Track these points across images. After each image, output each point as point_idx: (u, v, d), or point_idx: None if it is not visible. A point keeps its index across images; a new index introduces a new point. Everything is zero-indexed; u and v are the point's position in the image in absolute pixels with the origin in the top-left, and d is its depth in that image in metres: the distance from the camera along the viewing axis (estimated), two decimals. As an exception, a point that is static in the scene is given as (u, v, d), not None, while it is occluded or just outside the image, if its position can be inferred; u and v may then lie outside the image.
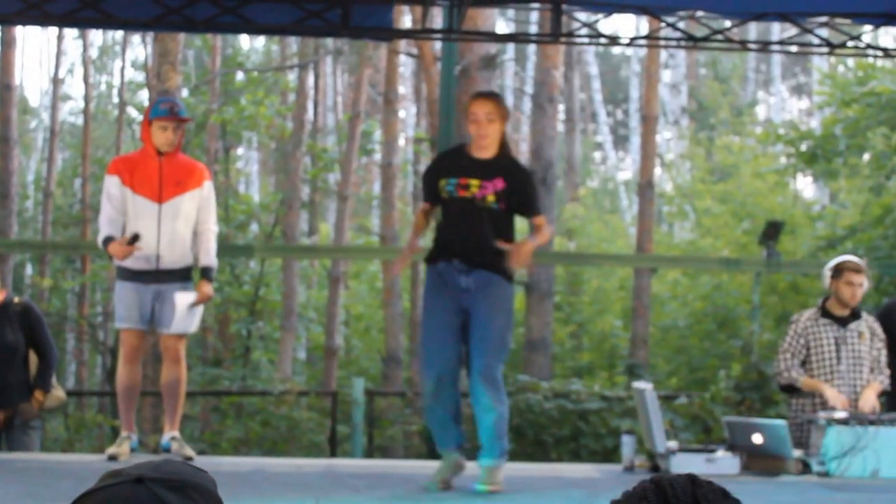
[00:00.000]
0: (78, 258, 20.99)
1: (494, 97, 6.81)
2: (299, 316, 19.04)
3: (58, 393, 8.13)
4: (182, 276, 7.52)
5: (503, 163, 6.61)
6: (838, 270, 7.97)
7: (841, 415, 7.48)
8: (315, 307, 20.57)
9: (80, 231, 21.25)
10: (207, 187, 7.60)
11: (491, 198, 6.55)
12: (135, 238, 7.33)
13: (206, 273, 7.59)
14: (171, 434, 7.56)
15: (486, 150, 6.59)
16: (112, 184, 7.50)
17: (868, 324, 7.97)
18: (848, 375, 7.86)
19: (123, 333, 7.64)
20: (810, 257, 15.79)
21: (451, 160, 6.72)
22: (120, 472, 1.85)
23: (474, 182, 6.53)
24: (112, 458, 7.32)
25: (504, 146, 6.66)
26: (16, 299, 8.09)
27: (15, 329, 7.90)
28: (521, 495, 6.48)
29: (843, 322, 7.93)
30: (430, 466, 8.05)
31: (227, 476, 6.52)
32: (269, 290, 19.49)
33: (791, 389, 7.93)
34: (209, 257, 7.60)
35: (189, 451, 7.44)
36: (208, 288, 7.57)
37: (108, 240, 7.41)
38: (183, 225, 7.47)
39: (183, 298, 7.42)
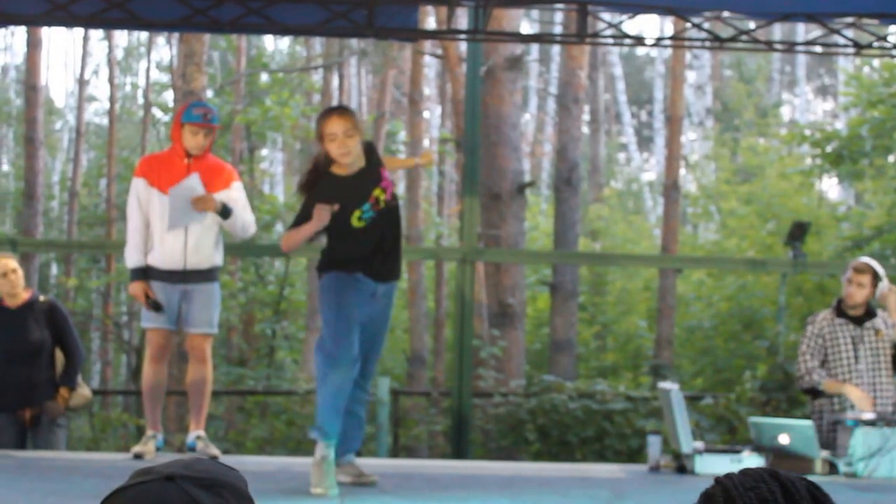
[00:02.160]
0: (103, 258, 21.05)
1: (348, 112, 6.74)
2: (324, 316, 19.04)
3: (83, 391, 8.16)
4: (209, 276, 7.52)
5: None
6: (847, 269, 7.99)
7: (868, 416, 7.44)
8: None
9: (105, 231, 21.31)
10: (236, 188, 7.59)
11: None
12: (157, 307, 7.39)
13: (222, 208, 7.44)
14: (196, 433, 7.57)
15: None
16: (139, 186, 7.51)
17: (883, 319, 7.93)
18: (867, 374, 7.82)
19: (150, 333, 7.64)
20: (836, 258, 15.73)
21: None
22: (151, 470, 1.85)
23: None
24: (138, 456, 7.34)
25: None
26: (41, 298, 8.14)
27: (41, 327, 7.94)
28: (546, 495, 6.46)
29: (858, 321, 7.90)
30: (455, 466, 8.05)
31: (253, 475, 6.51)
32: (293, 290, 19.52)
33: (814, 392, 7.89)
34: (236, 209, 7.48)
35: (214, 451, 7.45)
36: (211, 202, 7.39)
37: (136, 272, 7.43)
38: (212, 229, 7.47)
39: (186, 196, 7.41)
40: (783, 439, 7.31)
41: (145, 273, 7.42)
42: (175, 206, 7.37)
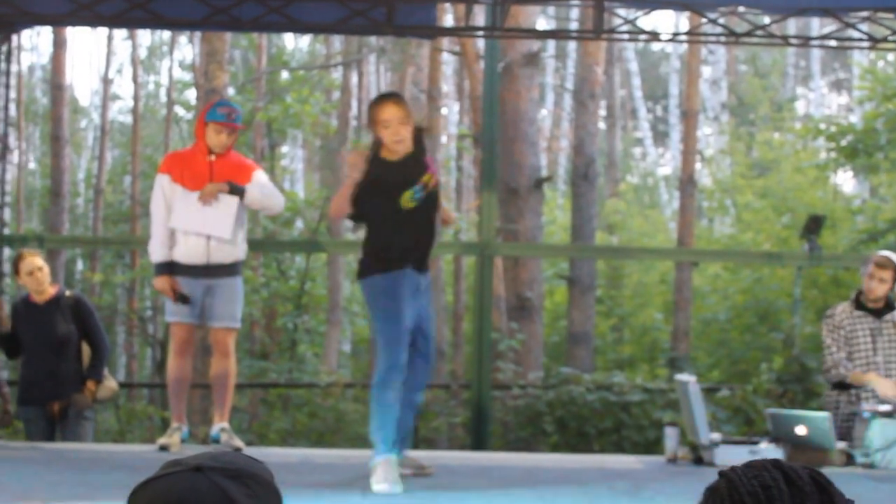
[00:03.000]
0: (128, 253, 21.13)
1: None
2: (344, 309, 19.10)
3: (110, 383, 8.20)
4: (232, 270, 7.52)
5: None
6: (867, 263, 7.94)
7: (885, 407, 7.42)
8: (359, 301, 20.60)
9: (129, 227, 21.39)
10: (259, 175, 7.61)
11: None
12: (185, 300, 7.42)
13: (234, 187, 7.48)
14: (220, 425, 7.59)
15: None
16: (163, 182, 7.53)
17: None
18: (885, 366, 7.80)
19: (173, 327, 7.65)
20: (851, 251, 15.67)
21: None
22: (179, 462, 1.85)
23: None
24: (163, 448, 7.36)
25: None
26: (67, 293, 8.20)
27: (67, 321, 8.00)
28: (565, 486, 6.46)
29: (877, 313, 7.87)
30: (475, 458, 8.05)
31: (276, 467, 6.52)
32: (314, 285, 19.55)
33: (843, 385, 7.85)
34: (251, 185, 7.52)
35: (238, 442, 7.47)
36: (220, 188, 7.42)
37: (162, 267, 7.45)
38: (230, 221, 7.45)
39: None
40: (800, 431, 7.29)
41: (170, 267, 7.43)
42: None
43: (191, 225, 7.39)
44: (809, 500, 1.77)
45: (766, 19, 9.92)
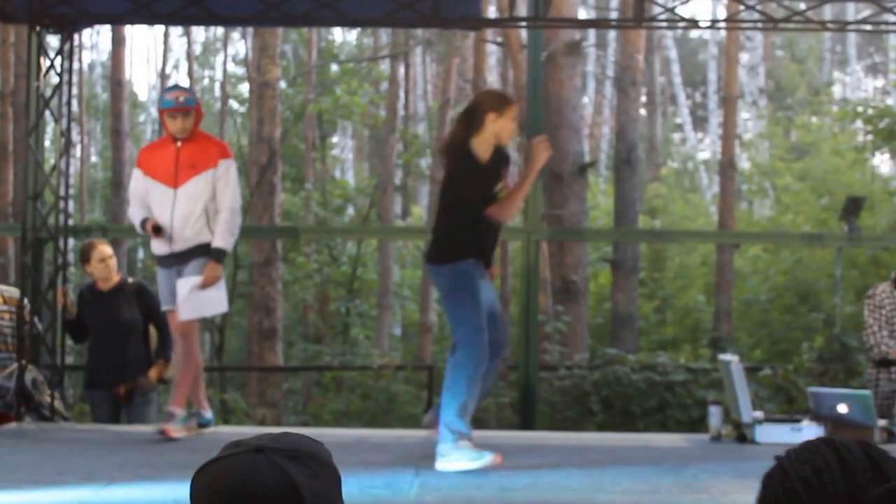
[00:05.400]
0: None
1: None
2: (395, 294, 19.13)
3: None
4: (197, 253, 7.16)
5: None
6: None
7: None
8: (409, 286, 20.63)
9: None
10: (224, 165, 7.25)
11: None
12: (158, 230, 7.16)
13: (213, 255, 7.14)
14: (174, 409, 7.21)
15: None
16: (136, 177, 7.38)
17: None
18: (924, 344, 7.72)
19: (168, 315, 7.41)
20: (890, 231, 15.51)
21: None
22: (241, 443, 1.86)
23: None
24: (161, 433, 7.07)
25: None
26: (129, 280, 8.30)
27: (132, 307, 8.10)
28: (611, 464, 6.44)
29: (917, 293, 7.79)
30: (523, 436, 8.04)
31: (331, 446, 6.52)
32: (365, 270, 19.59)
33: (886, 362, 7.78)
34: (220, 239, 7.15)
35: (175, 434, 7.05)
36: (213, 270, 7.12)
37: (145, 220, 7.21)
38: (196, 207, 7.16)
39: (184, 285, 7.11)
40: (841, 408, 7.23)
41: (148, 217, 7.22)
42: (181, 299, 7.11)
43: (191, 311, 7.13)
44: (861, 477, 1.72)
45: (803, 5, 9.83)
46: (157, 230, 7.13)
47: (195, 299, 7.11)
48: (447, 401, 6.28)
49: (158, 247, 7.24)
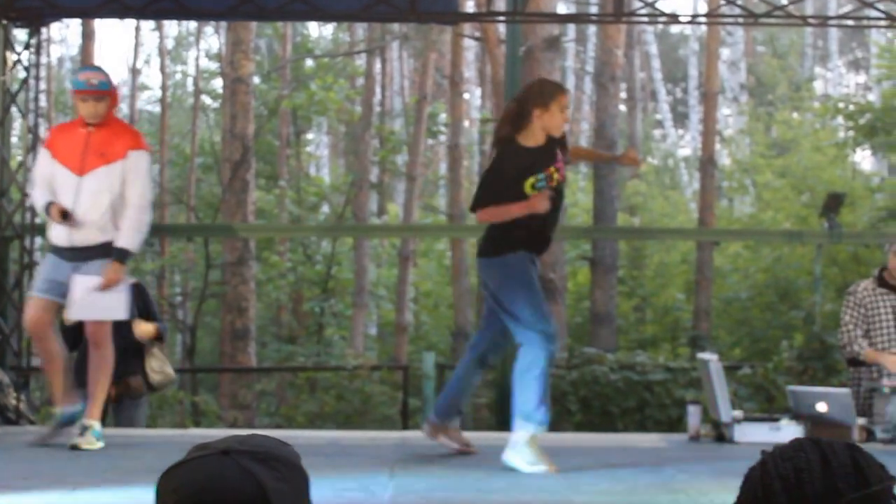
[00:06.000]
0: (157, 241, 21.18)
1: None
2: (370, 293, 19.13)
3: (167, 370, 8.20)
4: (100, 252, 6.76)
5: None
6: (892, 240, 7.88)
7: (904, 383, 7.39)
8: (385, 285, 20.63)
9: (158, 215, 21.43)
10: (134, 157, 6.81)
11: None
12: (66, 215, 6.71)
13: (116, 254, 6.74)
14: (89, 422, 6.85)
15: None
16: (42, 157, 6.98)
17: None
18: (906, 342, 7.75)
19: (29, 300, 7.04)
20: (870, 228, 15.58)
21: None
22: (207, 445, 1.86)
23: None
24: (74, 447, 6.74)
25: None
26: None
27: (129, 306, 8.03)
28: (589, 465, 6.46)
29: (900, 291, 7.82)
30: (500, 438, 8.04)
31: (304, 449, 6.51)
32: (340, 269, 19.58)
33: (857, 362, 7.83)
34: (125, 238, 6.77)
35: (82, 443, 6.75)
36: (115, 271, 6.71)
37: (50, 203, 6.76)
38: (102, 200, 6.75)
39: (81, 283, 6.71)
40: (821, 407, 7.27)
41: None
42: (75, 298, 6.73)
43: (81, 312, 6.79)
44: (842, 480, 1.73)
45: (784, 0, 9.84)
46: (65, 215, 6.68)
47: (90, 301, 6.72)
48: (522, 398, 6.27)
49: (59, 235, 6.80)
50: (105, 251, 6.73)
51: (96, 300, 6.71)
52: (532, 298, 6.26)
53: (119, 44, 57.97)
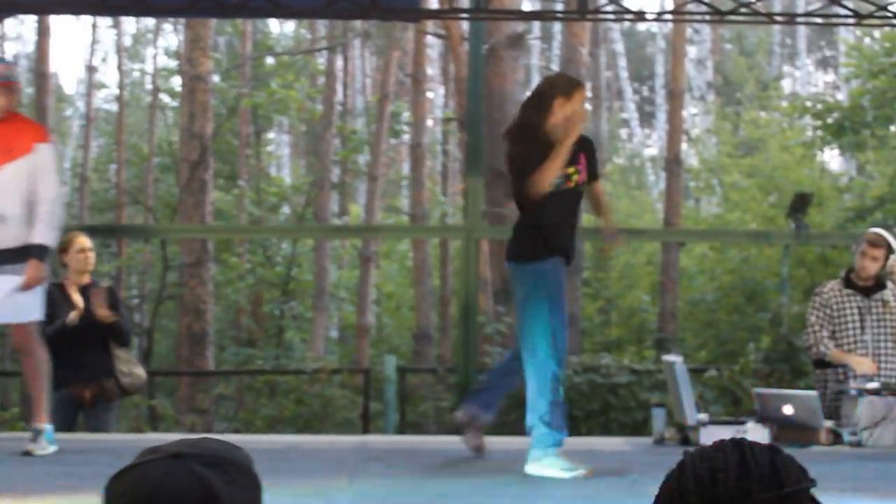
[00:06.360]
0: (114, 242, 21.08)
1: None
2: (331, 296, 19.10)
3: (138, 372, 8.20)
4: (19, 253, 6.58)
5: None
6: (860, 241, 7.94)
7: (873, 385, 7.43)
8: (346, 287, 20.61)
9: (115, 215, 21.34)
10: (42, 151, 6.64)
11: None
12: None
13: (34, 252, 6.54)
14: (39, 425, 6.74)
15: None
16: None
17: (893, 291, 7.90)
18: (872, 345, 7.80)
19: None
20: (838, 229, 15.69)
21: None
22: (158, 449, 1.85)
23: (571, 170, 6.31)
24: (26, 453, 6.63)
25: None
26: (101, 283, 8.33)
27: (104, 308, 8.02)
28: (553, 469, 6.47)
29: (866, 292, 7.87)
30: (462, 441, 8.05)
31: (263, 453, 6.52)
32: (300, 271, 19.55)
33: (823, 364, 7.88)
34: (40, 234, 6.56)
35: (39, 452, 6.67)
36: (35, 270, 6.55)
37: None
38: (15, 198, 6.57)
39: (1, 285, 6.54)
40: (787, 410, 7.30)
41: None
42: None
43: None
44: (756, 481, 1.76)
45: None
46: None
47: (11, 303, 6.56)
48: (532, 407, 6.28)
49: None
50: (24, 251, 6.56)
51: (16, 302, 6.56)
52: (549, 320, 6.13)
53: (75, 41, 57.66)
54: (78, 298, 8.00)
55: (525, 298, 6.24)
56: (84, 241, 8.14)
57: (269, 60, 22.46)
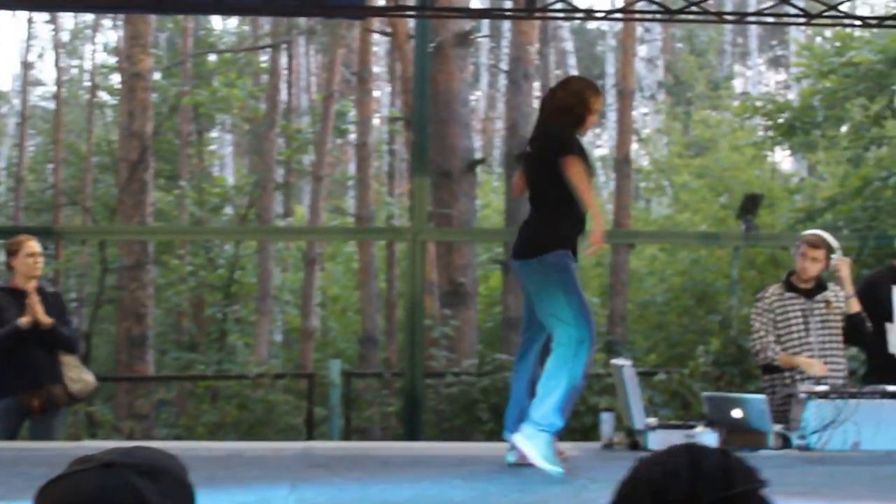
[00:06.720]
0: (51, 244, 20.90)
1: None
2: (275, 298, 19.04)
3: (87, 377, 8.16)
4: None
5: None
6: (799, 242, 8.02)
7: (821, 388, 7.51)
8: (291, 289, 20.56)
9: (52, 217, 21.15)
10: None
11: None
12: None
13: None
14: None
15: None
16: None
17: (834, 292, 7.98)
18: (818, 347, 7.87)
19: None
20: (789, 230, 15.83)
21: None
22: (90, 458, 1.85)
23: None
24: None
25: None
26: (48, 287, 8.30)
27: (50, 313, 7.99)
28: (499, 475, 6.49)
29: (808, 294, 7.94)
30: (408, 447, 8.07)
31: (204, 461, 6.52)
32: (244, 273, 19.47)
33: (771, 369, 7.94)
34: None
35: None
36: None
37: None
38: None
39: None
40: (736, 414, 7.36)
41: None
42: None
43: None
44: (709, 488, 1.79)
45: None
46: None
47: None
48: (542, 401, 6.26)
49: None
50: None
51: None
52: (568, 302, 6.20)
53: (10, 36, 57.12)
54: (36, 301, 7.97)
55: (537, 293, 6.31)
56: (33, 245, 8.22)
57: (212, 58, 22.36)
